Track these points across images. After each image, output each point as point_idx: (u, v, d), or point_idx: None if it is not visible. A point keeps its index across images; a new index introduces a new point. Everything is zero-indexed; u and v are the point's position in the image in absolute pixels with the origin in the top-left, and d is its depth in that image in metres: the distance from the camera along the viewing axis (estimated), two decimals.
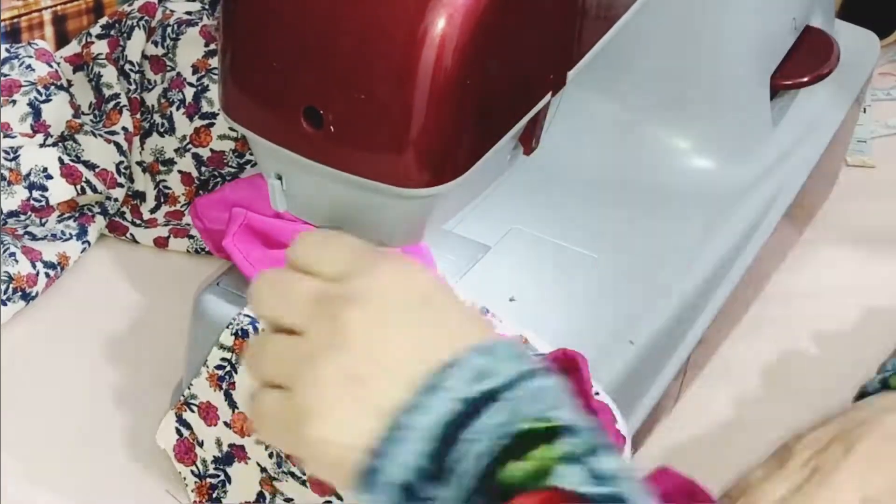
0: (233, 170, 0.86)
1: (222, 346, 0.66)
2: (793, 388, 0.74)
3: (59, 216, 0.83)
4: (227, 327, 0.65)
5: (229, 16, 0.54)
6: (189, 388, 0.67)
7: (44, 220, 0.82)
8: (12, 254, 0.78)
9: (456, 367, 0.45)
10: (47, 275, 0.79)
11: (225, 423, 0.66)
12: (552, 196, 0.75)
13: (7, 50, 0.87)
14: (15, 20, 0.91)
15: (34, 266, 0.79)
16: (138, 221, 0.86)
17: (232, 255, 0.66)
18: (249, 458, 0.66)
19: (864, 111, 0.99)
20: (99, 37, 0.91)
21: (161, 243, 0.85)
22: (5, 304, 0.77)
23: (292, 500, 0.65)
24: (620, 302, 0.70)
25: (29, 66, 0.87)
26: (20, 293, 0.78)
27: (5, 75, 0.86)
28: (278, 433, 0.50)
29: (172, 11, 0.90)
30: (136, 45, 0.90)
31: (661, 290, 0.69)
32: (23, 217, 0.81)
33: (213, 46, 0.87)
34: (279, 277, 0.50)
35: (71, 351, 0.77)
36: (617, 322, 0.69)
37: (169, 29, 0.89)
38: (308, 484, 0.64)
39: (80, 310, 0.80)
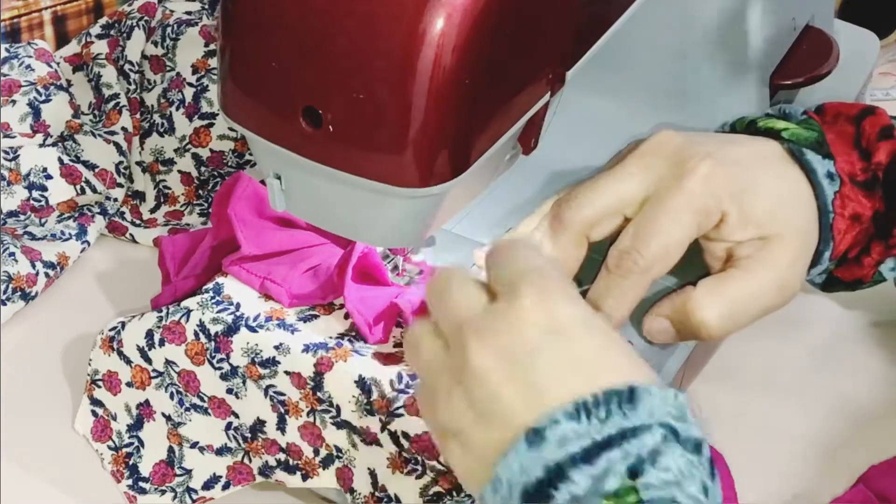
0: (232, 169, 0.86)
1: None
2: (793, 387, 0.74)
3: (58, 216, 0.83)
4: None
5: (228, 16, 0.54)
6: (90, 365, 0.69)
7: (43, 220, 0.82)
8: (12, 254, 0.78)
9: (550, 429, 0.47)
10: (47, 275, 0.79)
11: (127, 384, 0.68)
12: (551, 196, 0.75)
13: (7, 50, 0.88)
14: (15, 20, 0.91)
15: (34, 266, 0.79)
16: (138, 221, 0.86)
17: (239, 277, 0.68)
18: (155, 412, 0.67)
19: None
20: (99, 37, 0.91)
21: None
22: (5, 304, 0.77)
23: (198, 442, 0.66)
24: None
25: (28, 66, 0.87)
26: (20, 293, 0.78)
27: (5, 75, 0.86)
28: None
29: (172, 11, 0.90)
30: (136, 45, 0.90)
31: (661, 290, 0.69)
32: (22, 217, 0.81)
33: (212, 46, 0.87)
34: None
35: (71, 351, 0.77)
36: None
37: (169, 29, 0.89)
38: (210, 409, 0.65)
39: (79, 310, 0.79)
